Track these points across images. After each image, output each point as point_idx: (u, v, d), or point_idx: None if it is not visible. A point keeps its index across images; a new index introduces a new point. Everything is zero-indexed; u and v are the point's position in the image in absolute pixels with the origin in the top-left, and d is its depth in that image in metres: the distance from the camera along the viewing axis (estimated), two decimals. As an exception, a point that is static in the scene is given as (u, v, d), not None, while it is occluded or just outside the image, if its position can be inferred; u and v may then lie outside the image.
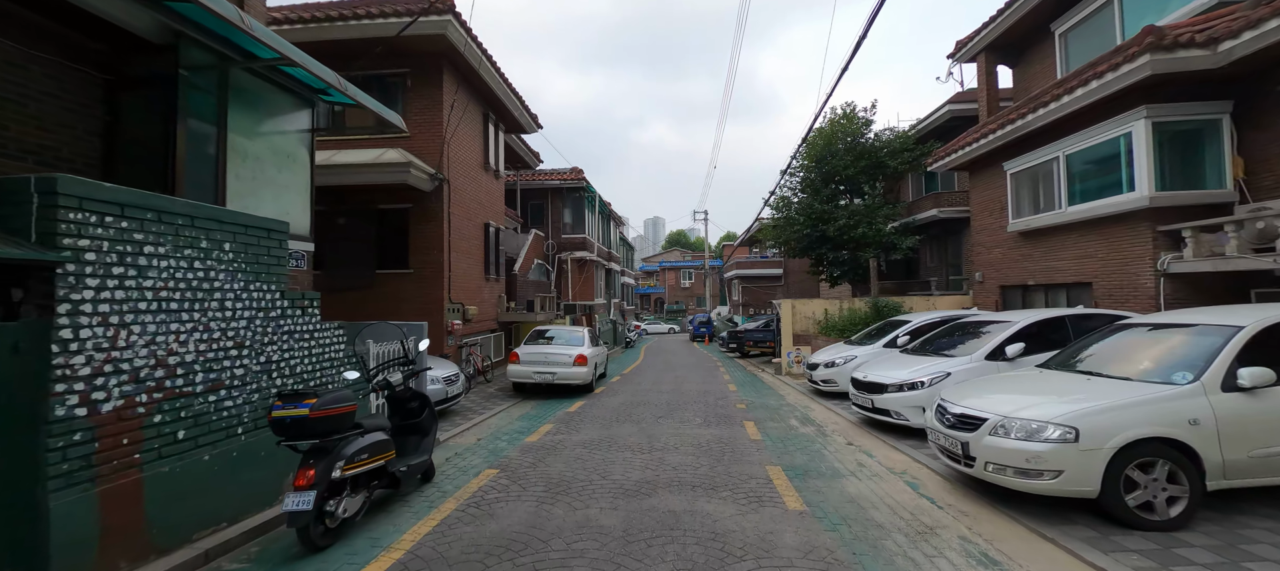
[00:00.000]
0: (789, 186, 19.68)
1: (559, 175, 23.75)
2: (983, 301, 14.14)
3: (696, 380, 14.67)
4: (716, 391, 12.47)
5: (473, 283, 14.00)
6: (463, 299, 13.23)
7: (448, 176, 12.41)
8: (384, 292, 12.29)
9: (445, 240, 12.29)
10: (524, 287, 18.34)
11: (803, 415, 9.47)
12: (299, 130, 6.89)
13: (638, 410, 9.95)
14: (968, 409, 4.99)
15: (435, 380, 8.78)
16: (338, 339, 5.77)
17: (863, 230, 16.82)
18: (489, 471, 6.15)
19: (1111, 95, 9.19)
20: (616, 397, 11.55)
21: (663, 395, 11.83)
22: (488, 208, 15.34)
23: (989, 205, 13.82)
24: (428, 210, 12.19)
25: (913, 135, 18.27)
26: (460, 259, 13.22)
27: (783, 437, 7.72)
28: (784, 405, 10.54)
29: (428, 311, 12.17)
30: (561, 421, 9.00)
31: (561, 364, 11.53)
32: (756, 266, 36.10)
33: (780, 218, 19.83)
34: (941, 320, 10.82)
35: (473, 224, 14.11)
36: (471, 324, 13.75)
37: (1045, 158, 11.24)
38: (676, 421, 8.88)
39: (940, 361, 7.61)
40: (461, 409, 9.97)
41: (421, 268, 12.25)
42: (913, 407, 7.21)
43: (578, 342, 12.45)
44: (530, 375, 11.47)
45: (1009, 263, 12.98)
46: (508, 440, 7.75)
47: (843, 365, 10.70)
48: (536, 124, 17.74)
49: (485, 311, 14.92)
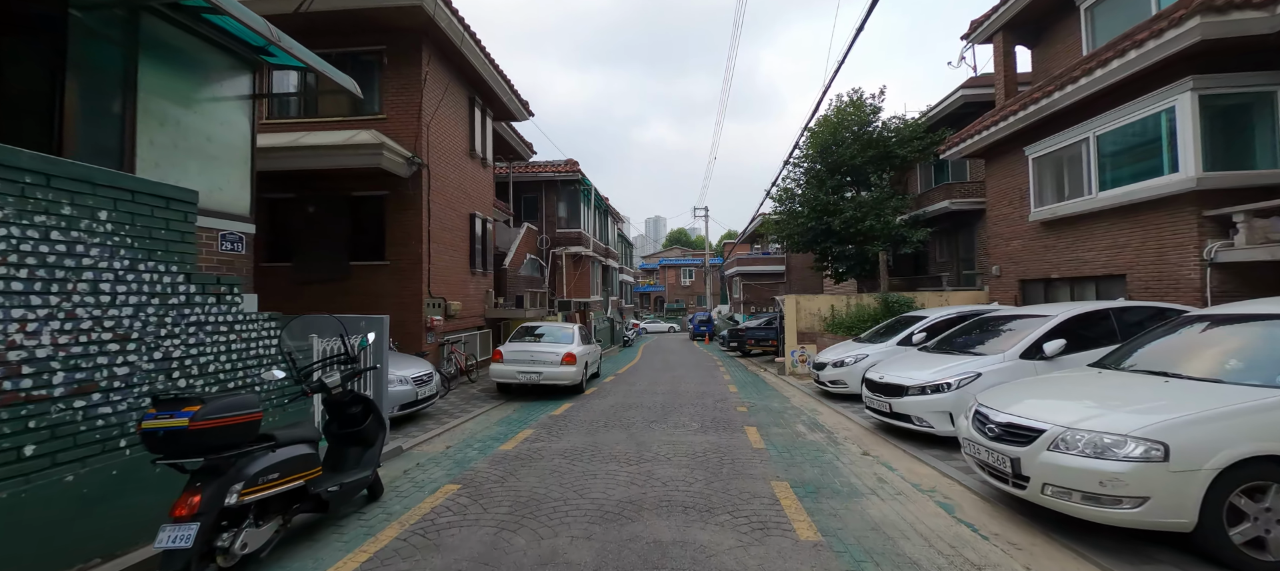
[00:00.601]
0: (792, 177, 18.81)
1: (553, 167, 22.88)
2: (1000, 296, 13.26)
3: (695, 380, 13.81)
4: (716, 393, 11.60)
5: (456, 276, 13.14)
6: (445, 293, 12.37)
7: (427, 162, 11.55)
8: (358, 286, 11.44)
9: (424, 230, 11.43)
10: (515, 283, 17.49)
11: (810, 419, 8.60)
12: (238, 96, 6.03)
13: (629, 413, 9.09)
14: (1018, 417, 4.12)
15: (403, 381, 7.92)
16: (267, 333, 4.92)
17: (871, 222, 15.93)
18: (449, 487, 5.29)
19: (1153, 66, 8.32)
20: (608, 399, 10.69)
21: (658, 397, 10.97)
22: (474, 198, 14.48)
23: (1007, 194, 12.94)
24: (405, 198, 11.33)
25: (923, 123, 17.38)
26: (442, 251, 12.36)
27: (789, 446, 6.85)
28: (789, 408, 9.68)
29: (406, 306, 11.32)
30: (544, 426, 8.14)
31: (548, 363, 10.67)
32: (758, 263, 35.16)
33: (783, 211, 18.96)
34: (960, 316, 9.95)
35: (456, 214, 13.25)
36: (455, 320, 12.90)
37: (1073, 139, 10.36)
38: (671, 426, 8.02)
39: (966, 360, 6.73)
40: (436, 412, 9.12)
41: (399, 259, 11.39)
42: (937, 413, 6.34)
43: (566, 340, 11.60)
44: (514, 375, 10.62)
45: (1030, 255, 12.10)
46: (480, 448, 6.89)
47: (853, 365, 9.83)
48: (527, 111, 16.88)
49: (471, 307, 14.07)
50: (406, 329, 11.26)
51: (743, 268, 35.15)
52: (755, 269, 34.78)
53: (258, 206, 11.52)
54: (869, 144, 17.37)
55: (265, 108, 11.87)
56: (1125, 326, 6.53)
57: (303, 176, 11.30)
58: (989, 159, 13.68)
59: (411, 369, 8.35)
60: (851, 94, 17.43)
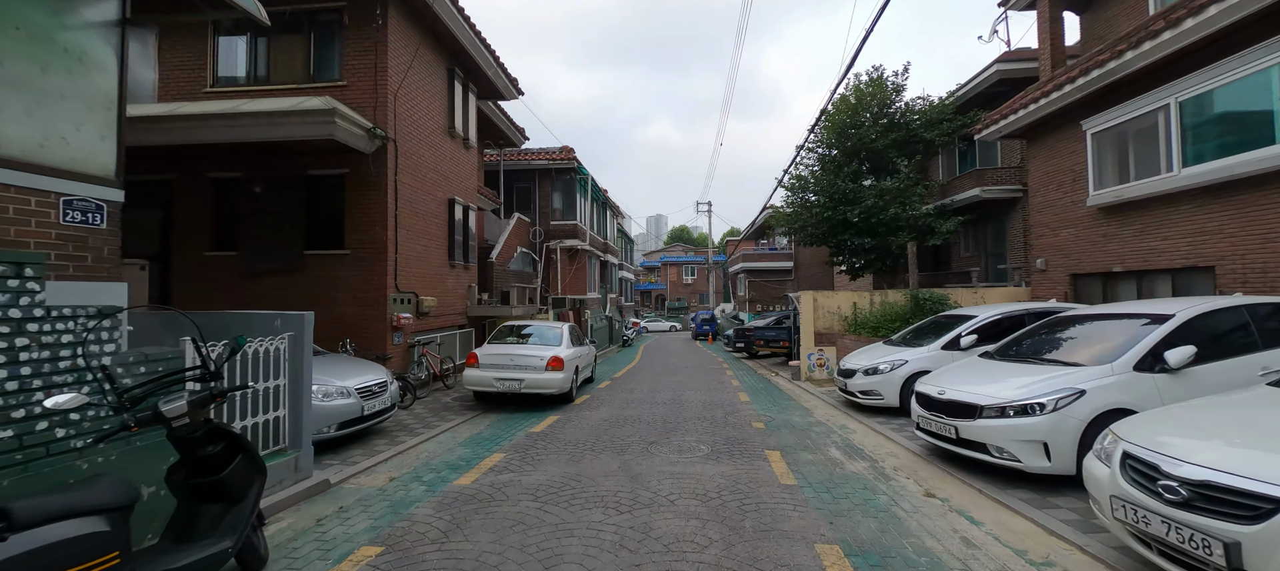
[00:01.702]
0: (805, 163, 17.28)
1: (547, 154, 21.37)
2: (1045, 293, 11.74)
3: (700, 386, 12.31)
4: (725, 403, 10.10)
5: (431, 269, 11.65)
6: (416, 287, 10.88)
7: (393, 136, 10.05)
8: (314, 278, 9.95)
9: (390, 214, 9.93)
10: (503, 278, 16.00)
11: (843, 439, 7.09)
12: (96, 22, 4.53)
13: (624, 430, 7.60)
14: (1227, 475, 2.61)
15: (344, 393, 6.42)
16: (92, 333, 3.42)
17: (895, 211, 14.41)
18: (367, 550, 3.80)
19: (1263, 10, 6.80)
20: (600, 411, 9.20)
21: (658, 408, 9.47)
22: (454, 181, 12.98)
23: (1056, 177, 11.41)
24: (368, 177, 9.83)
25: (951, 103, 15.84)
26: (413, 239, 10.87)
27: (826, 481, 5.35)
28: (813, 423, 8.17)
29: (368, 302, 9.83)
30: (518, 449, 6.65)
31: (531, 368, 9.17)
32: (764, 259, 33.58)
33: (795, 201, 17.42)
34: (1015, 315, 8.44)
35: (432, 198, 11.76)
36: (429, 318, 11.41)
37: (1146, 108, 8.82)
38: (673, 449, 6.52)
39: (1057, 373, 5.21)
40: (392, 428, 7.63)
41: (360, 248, 9.90)
42: (1026, 443, 4.83)
43: (553, 342, 10.10)
44: (490, 382, 9.12)
45: (1084, 246, 10.57)
46: (430, 482, 5.40)
47: (890, 372, 8.33)
48: (516, 89, 15.37)
49: (450, 303, 12.59)
50: (368, 328, 9.77)
51: (748, 264, 33.55)
52: (761, 265, 33.18)
53: (201, 188, 10.00)
54: (891, 126, 15.83)
55: (209, 74, 10.38)
56: (1266, 330, 5.03)
57: (250, 152, 9.81)
58: (1032, 139, 12.16)
59: (358, 377, 6.85)
60: (872, 71, 15.90)
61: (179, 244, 10.35)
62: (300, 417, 5.13)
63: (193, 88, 10.34)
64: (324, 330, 9.70)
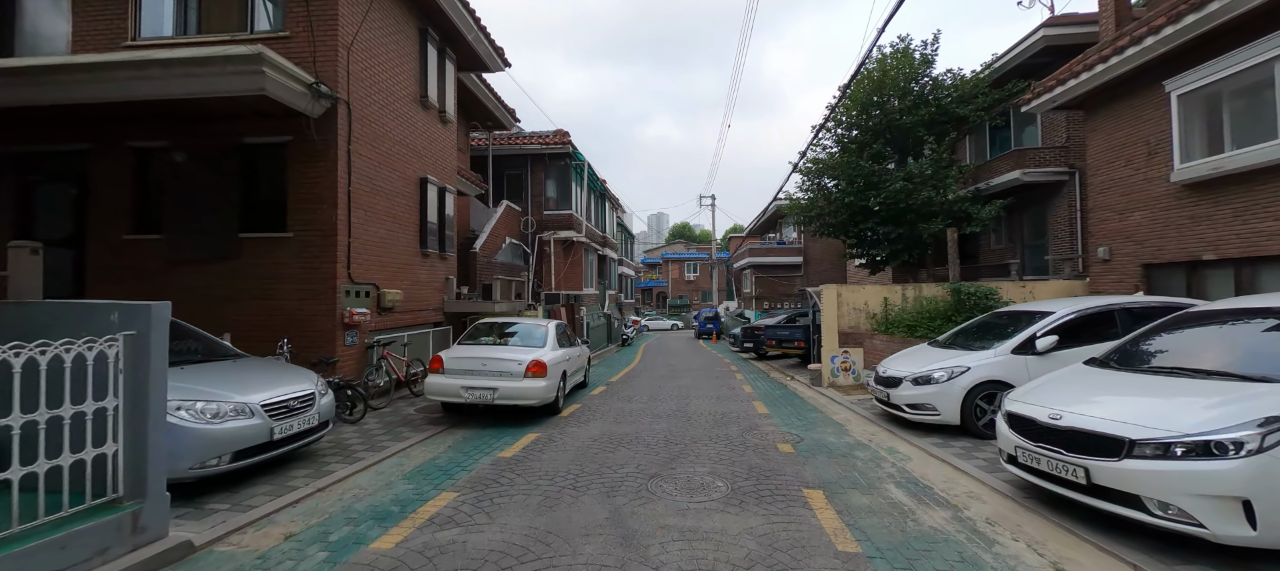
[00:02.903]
0: (821, 145, 15.65)
1: (540, 138, 19.75)
2: (1108, 286, 10.15)
3: (708, 393, 10.73)
4: (739, 415, 8.52)
5: (397, 257, 10.07)
6: (378, 278, 9.31)
7: (347, 98, 8.47)
8: (252, 266, 8.38)
9: (341, 189, 8.35)
10: (488, 270, 14.41)
11: (899, 471, 5.51)
12: None
13: (617, 456, 6.02)
14: None
15: (244, 412, 4.84)
16: None
17: (927, 195, 12.79)
18: None
19: None
20: (590, 425, 7.62)
21: (660, 422, 7.90)
22: (428, 159, 11.40)
23: (1122, 151, 9.81)
24: (314, 146, 8.25)
25: (987, 77, 14.22)
26: (374, 222, 9.29)
27: (900, 544, 3.77)
28: (854, 446, 6.59)
29: (313, 295, 8.26)
30: (476, 486, 5.07)
31: (507, 374, 7.59)
32: (772, 253, 31.85)
33: (811, 187, 15.81)
34: (1107, 311, 6.85)
35: (398, 176, 10.17)
36: (394, 314, 9.84)
37: (1254, 60, 7.22)
38: (681, 487, 4.95)
39: (1239, 391, 3.62)
40: (325, 452, 6.06)
41: (305, 230, 8.32)
42: (1211, 500, 3.24)
43: (536, 342, 8.52)
44: (456, 392, 7.53)
45: (1163, 230, 8.97)
46: (337, 545, 3.82)
47: (947, 382, 6.74)
48: (502, 60, 13.78)
49: (421, 298, 11.01)
50: (314, 326, 8.20)
51: (755, 259, 31.80)
52: (769, 260, 31.43)
53: (120, 160, 8.37)
54: (919, 102, 14.22)
55: (130, 26, 8.79)
56: None
57: (175, 115, 8.25)
58: (1092, 109, 10.54)
59: (271, 389, 5.27)
60: (899, 40, 14.26)
61: (95, 225, 8.78)
62: (144, 453, 3.56)
63: (112, 43, 8.76)
64: (260, 329, 8.15)
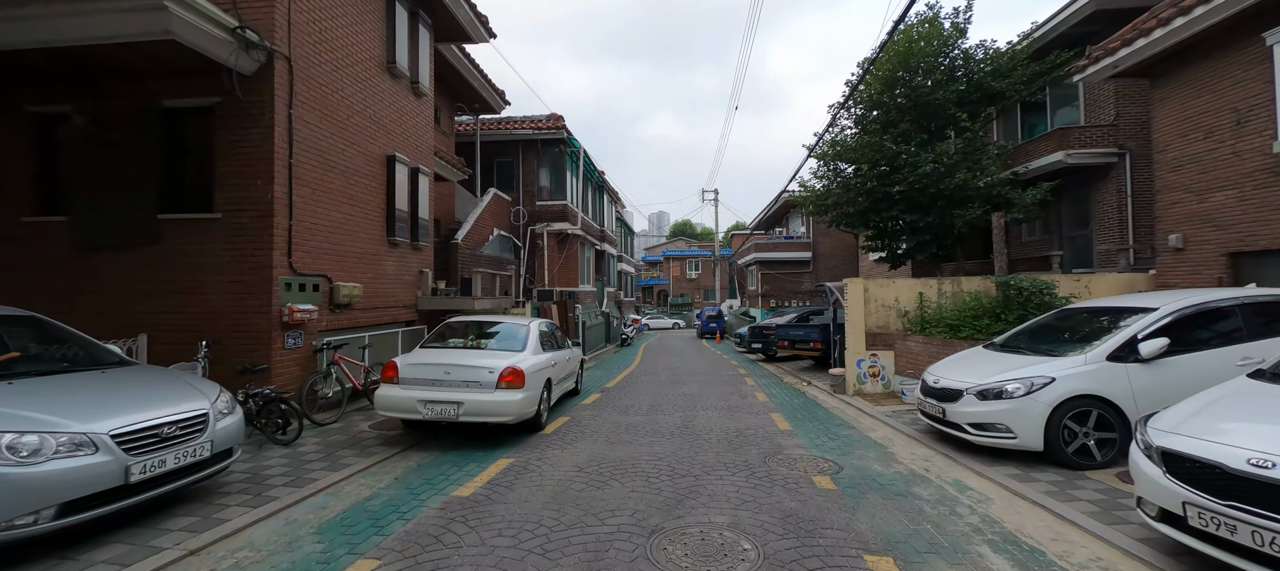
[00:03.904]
0: (842, 125, 14.20)
1: (532, 123, 18.33)
2: (1181, 279, 8.76)
3: (716, 402, 9.34)
4: (757, 432, 7.13)
5: (357, 246, 8.69)
6: (330, 269, 7.93)
7: (288, 52, 7.08)
8: (174, 254, 7.00)
9: (278, 161, 6.96)
10: (472, 263, 13.03)
11: (984, 521, 4.10)
12: None
13: (607, 496, 4.64)
14: None
15: (83, 445, 3.47)
16: None
17: (962, 177, 11.36)
18: None
19: None
20: (577, 448, 6.24)
21: (663, 444, 6.51)
22: (397, 135, 10.01)
23: (1201, 122, 8.40)
24: (247, 111, 6.86)
25: (1024, 49, 12.78)
26: (327, 203, 7.91)
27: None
28: (907, 477, 5.20)
29: (246, 288, 6.88)
30: (407, 549, 3.69)
31: (475, 385, 6.20)
32: (779, 248, 30.31)
33: (827, 173, 14.37)
34: (1224, 306, 5.46)
35: (357, 152, 8.79)
36: (353, 312, 8.47)
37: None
38: (693, 554, 3.57)
39: None
40: (229, 489, 4.68)
41: (235, 210, 6.93)
42: None
43: (514, 346, 7.13)
44: (412, 406, 6.13)
45: (1258, 212, 7.56)
46: (160, 670, 2.44)
47: (1025, 397, 5.35)
48: (487, 30, 12.40)
49: (389, 293, 9.62)
50: (247, 324, 6.82)
51: (762, 254, 30.28)
52: (776, 256, 29.89)
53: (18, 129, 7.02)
54: (950, 77, 12.79)
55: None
56: None
57: (81, 73, 6.86)
58: (1160, 75, 9.13)
59: (135, 413, 3.87)
60: (927, 7, 12.83)
61: (-9, 207, 7.42)
62: None
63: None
64: (186, 329, 6.75)
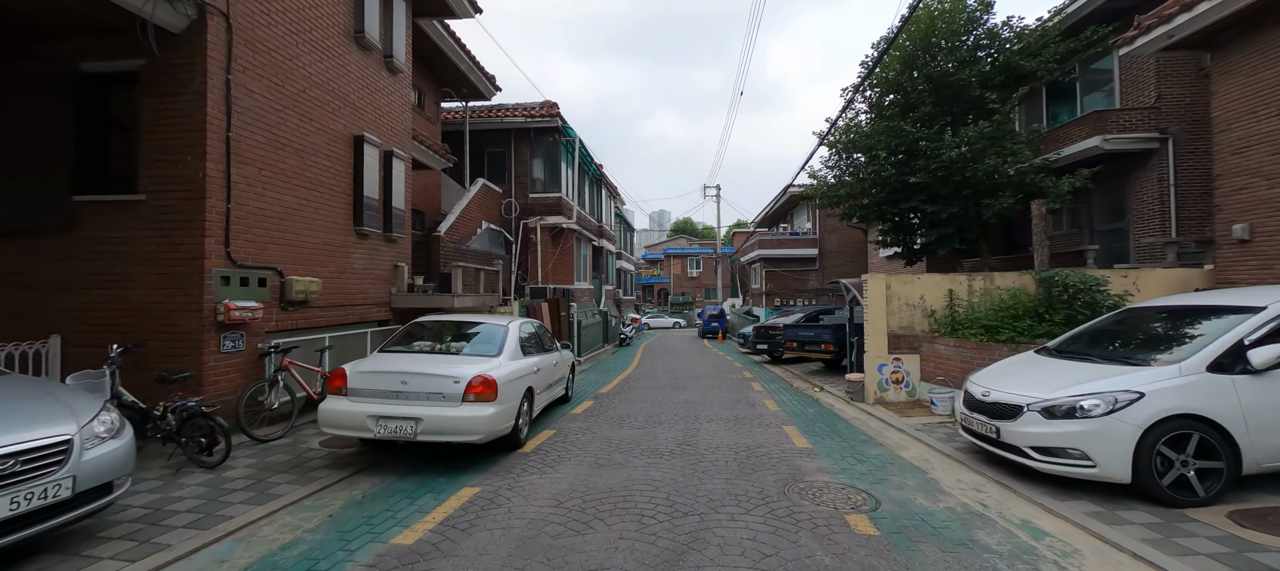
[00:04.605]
0: (857, 109, 13.18)
1: (525, 111, 17.32)
2: (1247, 275, 7.76)
3: (722, 411, 8.35)
4: (771, 450, 6.14)
5: (316, 235, 7.69)
6: (282, 260, 6.94)
7: (226, 8, 6.08)
8: (92, 243, 6.01)
9: (214, 134, 5.96)
10: (456, 257, 12.03)
11: (1081, 586, 3.11)
12: None
13: (589, 544, 3.65)
14: None
15: None
16: None
17: (993, 162, 10.35)
18: None
19: None
20: (559, 472, 5.24)
21: (660, 467, 5.52)
22: (366, 113, 9.02)
23: (1274, 97, 7.40)
24: (174, 75, 5.87)
25: (1056, 26, 11.77)
26: (275, 186, 6.92)
27: None
28: (962, 516, 4.20)
29: (173, 282, 5.88)
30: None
31: (437, 397, 5.20)
32: (784, 245, 29.21)
33: (839, 162, 13.36)
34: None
35: (317, 129, 7.79)
36: (310, 310, 7.48)
37: None
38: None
39: None
40: (113, 528, 3.69)
41: (160, 191, 5.94)
42: None
43: (488, 350, 6.13)
44: (361, 423, 5.13)
45: (1350, 196, 6.55)
46: None
47: (1105, 414, 4.34)
48: (472, 4, 11.41)
49: (357, 289, 8.63)
50: (173, 324, 5.83)
51: (766, 251, 29.21)
52: (782, 253, 28.79)
53: None
54: (973, 56, 11.79)
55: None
56: None
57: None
58: (1223, 44, 8.12)
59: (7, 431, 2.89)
60: (948, -23, 11.79)
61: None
62: None
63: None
64: (106, 329, 5.77)
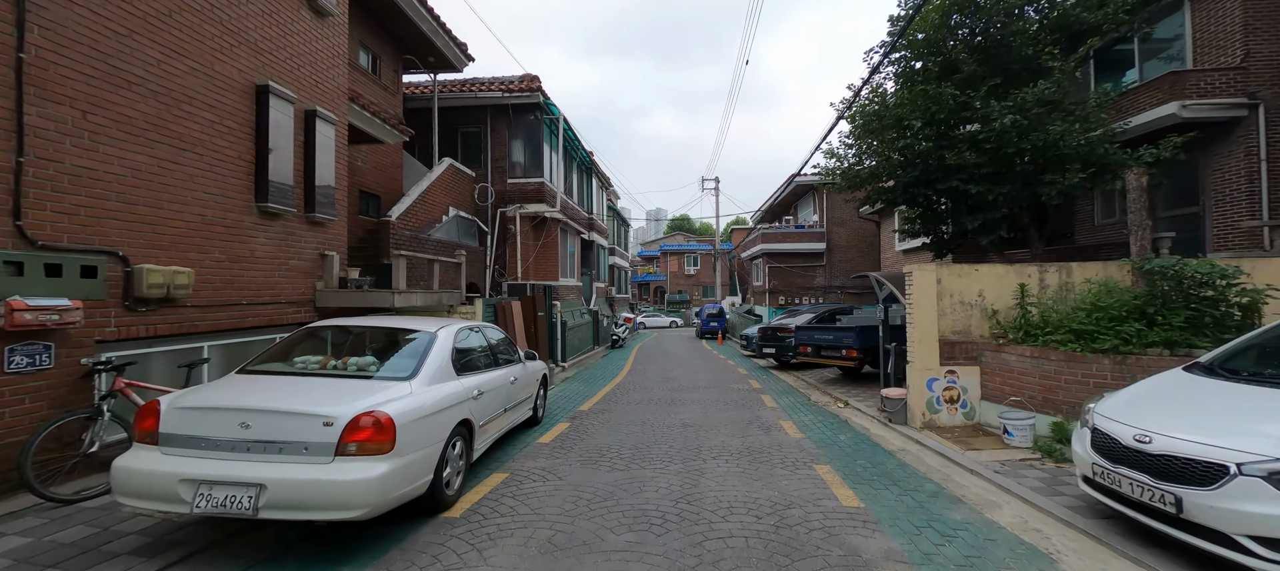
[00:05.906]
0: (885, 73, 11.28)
1: (501, 85, 15.37)
2: None
3: (732, 443, 6.49)
4: (808, 515, 4.28)
5: (192, 209, 5.77)
6: (130, 242, 5.04)
7: None
8: None
9: (1, 50, 4.07)
10: (403, 246, 10.13)
11: None
12: None
13: None
14: None
15: None
16: None
17: (1060, 128, 8.49)
18: None
19: None
20: (494, 558, 3.38)
21: (646, 561, 3.66)
22: (274, 58, 7.10)
23: None
24: (-68, -41, 3.97)
25: (1121, -28, 9.92)
26: (117, 138, 5.01)
27: None
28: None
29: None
30: None
31: (293, 447, 3.29)
32: (789, 239, 27.23)
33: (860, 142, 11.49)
34: None
35: (190, 66, 5.86)
36: (182, 310, 5.57)
37: None
38: None
39: None
40: None
41: (-91, 134, 4.04)
42: None
43: (399, 369, 4.24)
44: (170, 491, 3.21)
45: None
46: None
47: None
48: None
49: (260, 282, 6.72)
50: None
51: (769, 246, 27.22)
52: (786, 247, 26.80)
53: None
54: (1020, 10, 9.95)
55: None
56: None
57: None
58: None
59: None
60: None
61: None
62: None
63: None
64: None
